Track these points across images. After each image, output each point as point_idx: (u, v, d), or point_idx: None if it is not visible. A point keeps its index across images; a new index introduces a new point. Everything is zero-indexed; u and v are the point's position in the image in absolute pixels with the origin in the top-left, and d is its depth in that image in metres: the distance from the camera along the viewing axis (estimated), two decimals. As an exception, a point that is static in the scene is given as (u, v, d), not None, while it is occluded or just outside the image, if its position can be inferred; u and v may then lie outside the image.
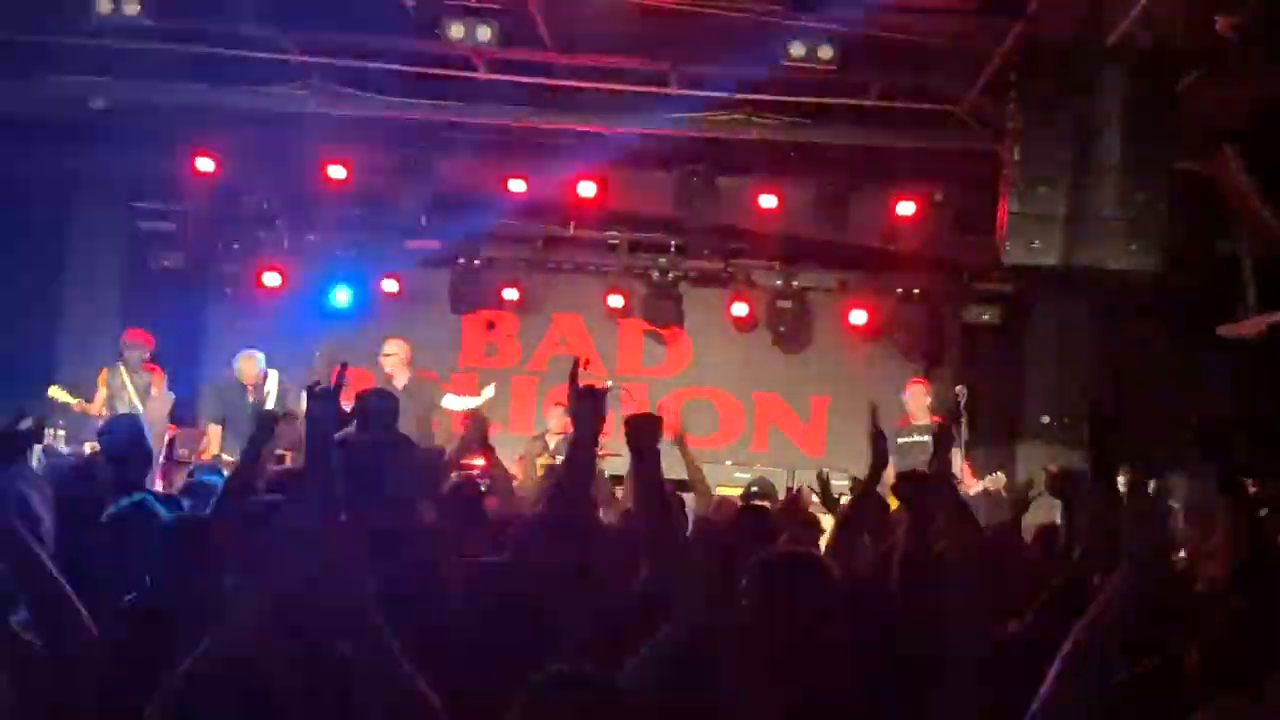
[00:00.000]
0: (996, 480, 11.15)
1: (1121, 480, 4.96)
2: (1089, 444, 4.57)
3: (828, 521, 6.95)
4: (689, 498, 7.38)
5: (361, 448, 5.62)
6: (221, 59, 11.31)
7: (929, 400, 12.01)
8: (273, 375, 12.09)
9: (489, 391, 12.38)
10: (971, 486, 11.02)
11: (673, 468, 7.99)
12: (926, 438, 10.10)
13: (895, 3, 9.78)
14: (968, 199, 12.33)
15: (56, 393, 11.85)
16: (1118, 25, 9.17)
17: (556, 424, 12.37)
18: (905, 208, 12.96)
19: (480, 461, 7.25)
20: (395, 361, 11.97)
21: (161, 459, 11.59)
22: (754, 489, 9.49)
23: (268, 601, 3.23)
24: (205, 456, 11.49)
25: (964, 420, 11.98)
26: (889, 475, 5.87)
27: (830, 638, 3.45)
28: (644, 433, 3.98)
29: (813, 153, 12.58)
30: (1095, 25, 9.40)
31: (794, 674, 3.38)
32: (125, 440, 5.96)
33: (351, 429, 4.80)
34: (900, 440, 11.00)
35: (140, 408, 11.67)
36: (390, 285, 14.33)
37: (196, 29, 10.90)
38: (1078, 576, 4.53)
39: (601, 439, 4.70)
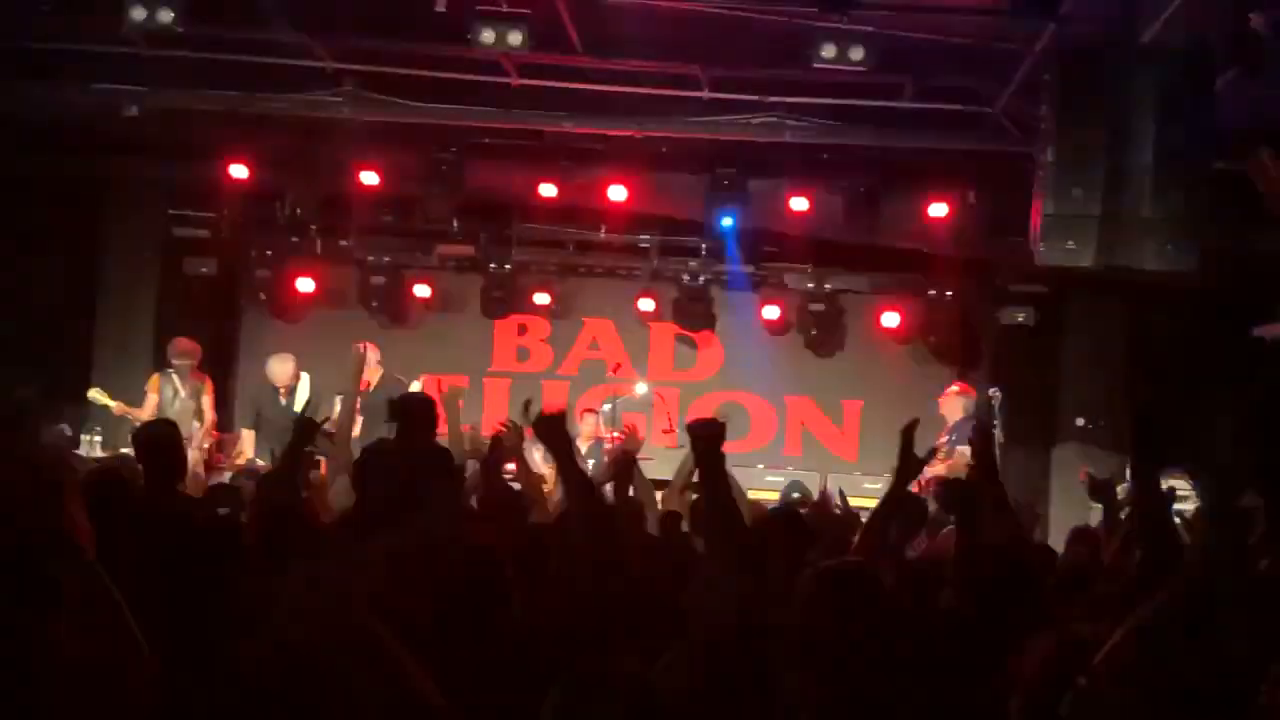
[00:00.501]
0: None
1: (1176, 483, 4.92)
2: (1133, 444, 4.52)
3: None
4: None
5: (398, 454, 5.66)
6: (254, 66, 11.37)
7: (964, 405, 11.92)
8: (305, 379, 12.15)
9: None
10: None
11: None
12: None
13: (927, 4, 9.75)
14: (1000, 200, 12.25)
15: (96, 395, 11.95)
16: (1151, 24, 9.10)
17: (588, 429, 12.38)
18: (938, 209, 12.90)
19: (511, 467, 7.26)
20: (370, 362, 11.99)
21: (203, 464, 11.68)
22: (792, 494, 9.46)
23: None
24: (240, 461, 11.56)
25: (998, 423, 11.93)
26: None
27: (882, 652, 3.43)
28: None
29: (844, 155, 12.55)
30: (1129, 25, 9.32)
31: (845, 684, 3.36)
32: (158, 443, 5.98)
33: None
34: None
35: (189, 414, 11.75)
36: (422, 290, 14.37)
37: (229, 36, 10.95)
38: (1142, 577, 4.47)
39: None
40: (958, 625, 4.17)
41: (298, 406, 11.89)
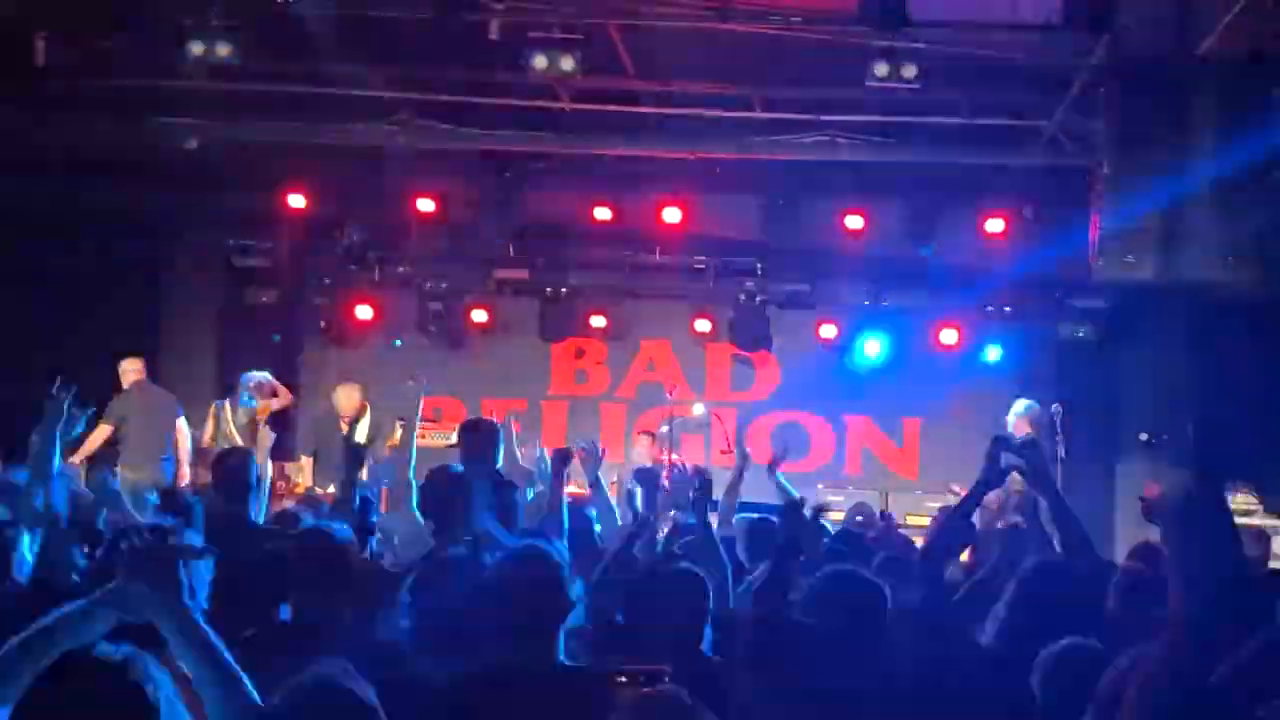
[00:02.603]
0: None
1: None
2: (1194, 456, 4.49)
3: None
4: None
5: (462, 478, 5.74)
6: (310, 96, 11.51)
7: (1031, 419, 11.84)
8: (369, 414, 12.15)
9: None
10: None
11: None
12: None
13: (980, 20, 9.72)
14: (1058, 215, 12.18)
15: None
16: (1208, 35, 9.03)
17: (644, 452, 12.37)
18: (994, 225, 12.83)
19: (582, 491, 7.31)
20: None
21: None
22: (857, 516, 9.41)
23: None
24: (298, 489, 11.63)
25: (1060, 439, 11.82)
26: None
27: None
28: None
29: (899, 172, 12.52)
30: (1185, 36, 9.26)
31: None
32: (234, 471, 6.08)
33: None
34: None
35: (241, 442, 11.85)
36: (479, 315, 14.44)
37: (286, 68, 11.09)
38: None
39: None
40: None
41: (358, 436, 11.98)
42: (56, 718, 2.70)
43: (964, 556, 6.71)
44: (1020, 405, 12.05)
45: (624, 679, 2.92)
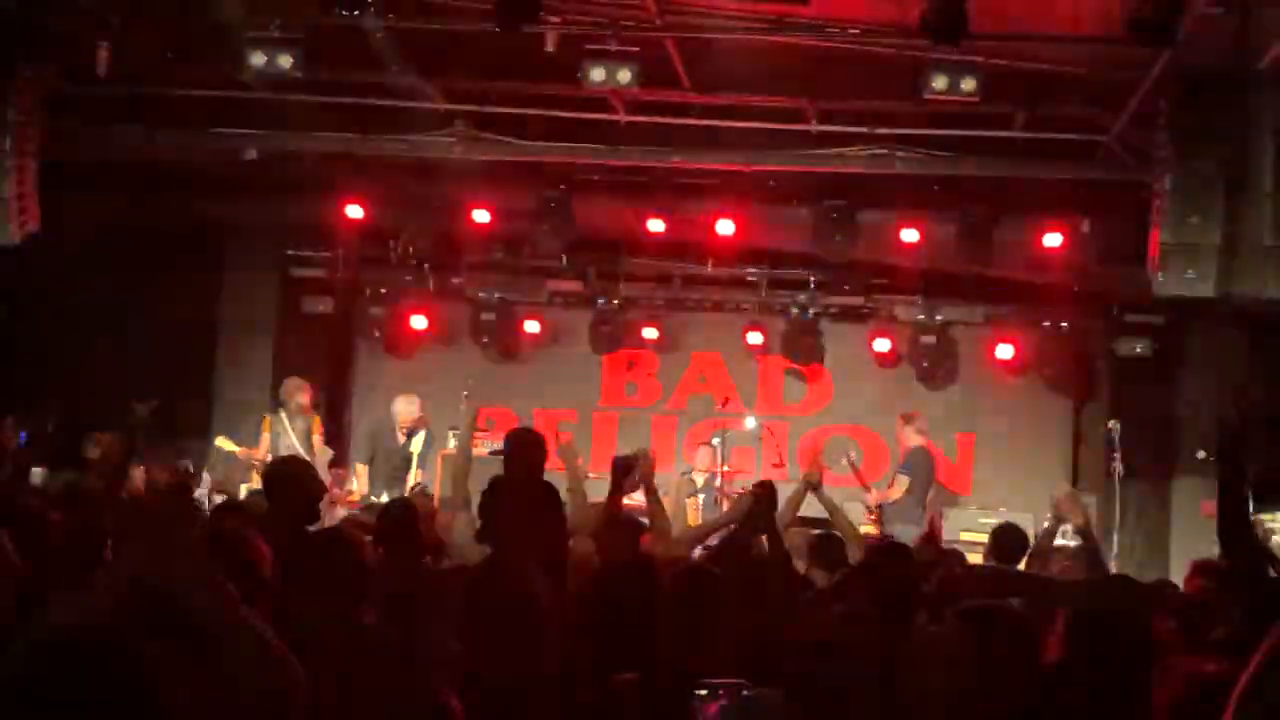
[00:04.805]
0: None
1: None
2: (1218, 460, 4.47)
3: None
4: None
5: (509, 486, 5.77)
6: (368, 108, 11.61)
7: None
8: (425, 431, 12.18)
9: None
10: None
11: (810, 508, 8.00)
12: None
13: (1039, 32, 9.66)
14: (1116, 229, 12.07)
15: (223, 443, 12.23)
16: (1270, 49, 8.94)
17: (703, 461, 12.37)
18: (1052, 239, 12.73)
19: (636, 500, 7.32)
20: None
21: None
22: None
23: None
24: (353, 498, 11.70)
25: (1117, 455, 11.72)
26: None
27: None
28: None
29: (955, 185, 12.45)
30: (1246, 50, 9.16)
31: None
32: (283, 479, 6.10)
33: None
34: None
35: (301, 452, 11.93)
36: (532, 326, 14.50)
37: (344, 79, 11.18)
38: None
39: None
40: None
41: (413, 448, 12.05)
42: (46, 698, 2.70)
43: None
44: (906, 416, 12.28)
45: (705, 692, 2.94)
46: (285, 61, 9.99)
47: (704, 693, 2.95)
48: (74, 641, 2.70)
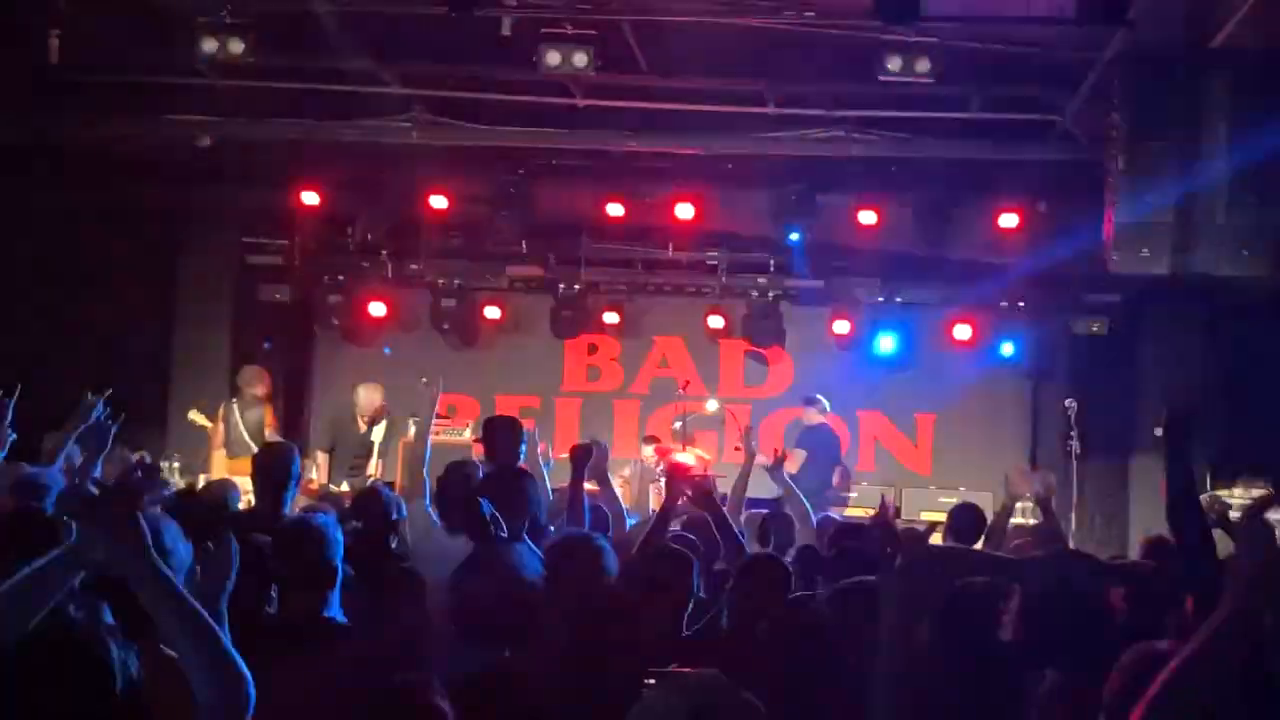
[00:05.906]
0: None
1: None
2: (1165, 445, 4.50)
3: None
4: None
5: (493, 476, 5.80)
6: (323, 93, 11.53)
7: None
8: (385, 422, 12.16)
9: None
10: None
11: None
12: None
13: (992, 14, 9.69)
14: (1071, 209, 12.14)
15: (195, 416, 12.22)
16: (1223, 28, 8.99)
17: (650, 456, 12.35)
18: (1008, 220, 12.81)
19: (594, 488, 7.32)
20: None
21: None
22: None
23: None
24: (313, 487, 11.64)
25: (1074, 434, 11.80)
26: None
27: None
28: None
29: (912, 167, 12.49)
30: (1199, 29, 9.22)
31: None
32: (266, 465, 6.12)
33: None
34: None
35: (244, 442, 11.90)
36: (493, 312, 14.45)
37: (300, 65, 11.10)
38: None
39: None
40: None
41: (374, 437, 12.03)
42: (14, 689, 2.68)
43: None
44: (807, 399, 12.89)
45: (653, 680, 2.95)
46: (237, 47, 9.91)
47: (652, 681, 2.96)
48: (39, 641, 2.68)
